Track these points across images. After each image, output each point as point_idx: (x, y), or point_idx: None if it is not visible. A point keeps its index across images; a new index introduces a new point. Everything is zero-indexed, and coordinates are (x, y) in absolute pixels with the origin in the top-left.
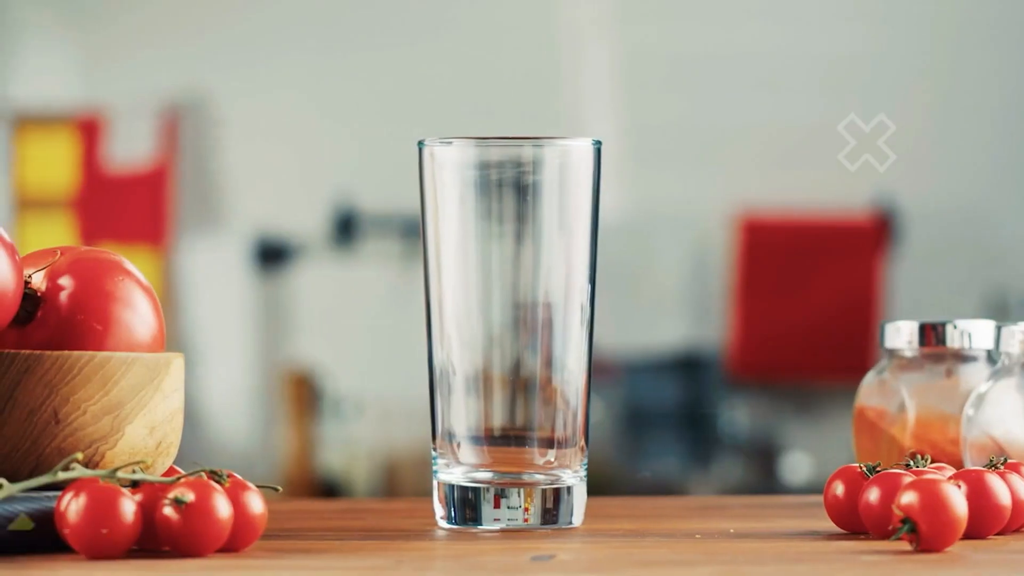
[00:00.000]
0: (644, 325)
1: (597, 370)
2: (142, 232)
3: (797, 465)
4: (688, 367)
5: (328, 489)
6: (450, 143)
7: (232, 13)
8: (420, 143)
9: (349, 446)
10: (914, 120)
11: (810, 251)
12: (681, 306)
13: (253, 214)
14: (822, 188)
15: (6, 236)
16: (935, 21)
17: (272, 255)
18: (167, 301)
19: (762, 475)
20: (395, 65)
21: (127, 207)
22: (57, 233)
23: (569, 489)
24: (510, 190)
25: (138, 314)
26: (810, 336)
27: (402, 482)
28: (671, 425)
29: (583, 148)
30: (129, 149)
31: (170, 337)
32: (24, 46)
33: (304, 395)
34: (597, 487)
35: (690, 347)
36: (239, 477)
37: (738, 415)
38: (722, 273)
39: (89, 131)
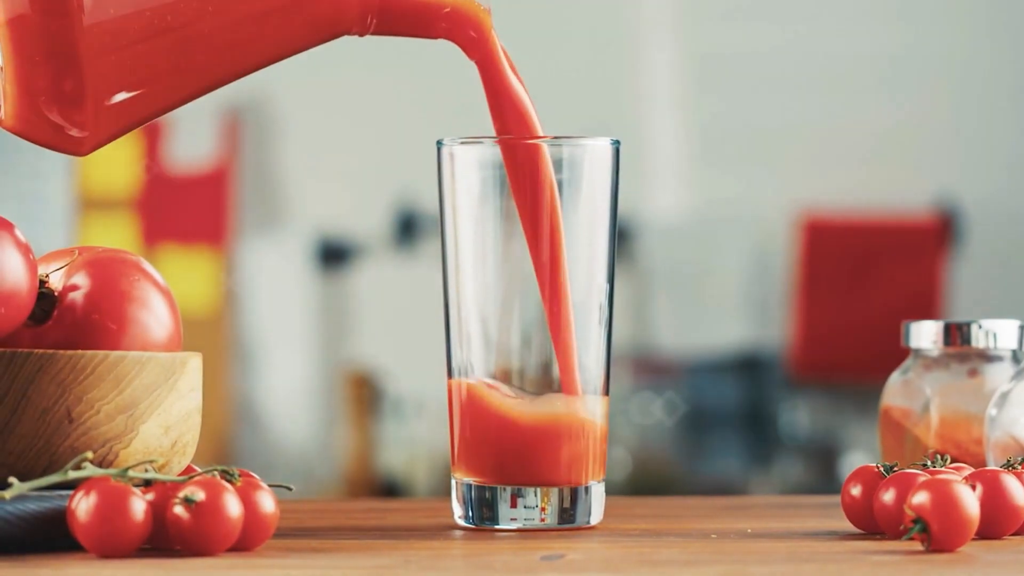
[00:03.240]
0: (705, 325)
1: (658, 370)
2: (203, 232)
3: (858, 466)
4: (749, 367)
5: (388, 489)
6: (469, 143)
7: None
8: (439, 143)
9: (410, 446)
10: (977, 118)
11: (872, 251)
12: (742, 306)
13: (314, 214)
14: (884, 188)
15: (20, 235)
16: (1003, 20)
17: (333, 255)
18: (228, 302)
19: (823, 476)
20: (456, 64)
21: (189, 207)
22: (119, 233)
23: (587, 489)
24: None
25: (154, 314)
26: (872, 336)
27: None
28: (732, 425)
29: (602, 147)
30: (191, 150)
31: (231, 337)
32: None
33: (365, 395)
34: (657, 488)
35: (751, 347)
36: (253, 475)
37: (799, 415)
38: (784, 273)
39: (151, 132)
